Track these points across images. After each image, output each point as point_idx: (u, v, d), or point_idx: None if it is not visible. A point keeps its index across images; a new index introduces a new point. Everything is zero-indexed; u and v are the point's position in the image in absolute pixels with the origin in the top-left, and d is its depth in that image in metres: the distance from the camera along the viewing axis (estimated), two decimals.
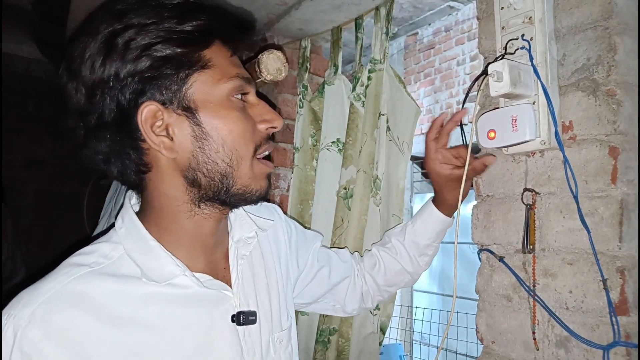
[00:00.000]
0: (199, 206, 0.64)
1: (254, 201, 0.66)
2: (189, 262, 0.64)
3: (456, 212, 0.97)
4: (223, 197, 0.63)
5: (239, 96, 0.64)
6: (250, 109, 0.65)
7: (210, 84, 0.61)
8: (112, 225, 0.66)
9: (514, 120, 0.82)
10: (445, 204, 0.96)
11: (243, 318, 0.65)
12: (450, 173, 0.91)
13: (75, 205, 2.71)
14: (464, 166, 0.88)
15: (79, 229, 2.32)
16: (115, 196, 1.63)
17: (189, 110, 0.60)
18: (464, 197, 0.94)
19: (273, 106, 0.68)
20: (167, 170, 0.62)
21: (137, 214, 0.66)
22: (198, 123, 0.60)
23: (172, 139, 0.60)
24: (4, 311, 0.54)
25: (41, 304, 0.55)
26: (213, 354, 0.62)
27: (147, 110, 0.59)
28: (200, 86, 0.60)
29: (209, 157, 0.61)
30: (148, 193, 0.64)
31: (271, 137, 0.68)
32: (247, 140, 0.63)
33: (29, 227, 2.88)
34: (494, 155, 0.88)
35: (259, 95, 0.68)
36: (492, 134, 0.85)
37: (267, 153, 0.67)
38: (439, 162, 0.91)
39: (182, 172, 0.62)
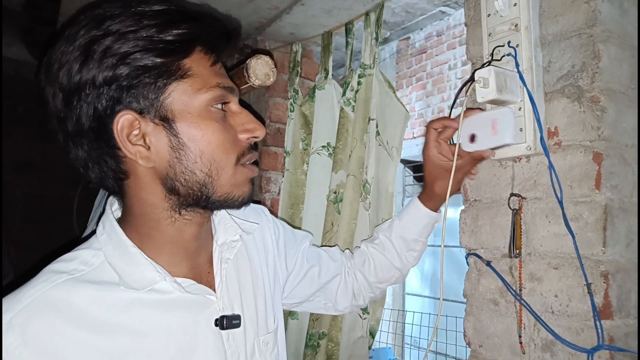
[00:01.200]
0: (180, 213, 0.63)
1: (237, 207, 0.65)
2: (172, 268, 0.63)
3: (443, 208, 0.96)
4: (203, 203, 0.63)
5: (219, 106, 0.63)
6: (231, 118, 0.64)
7: (189, 94, 0.59)
8: (95, 231, 0.65)
9: (494, 124, 0.84)
10: (433, 197, 0.95)
11: (226, 322, 0.65)
12: (446, 163, 0.89)
13: (65, 208, 2.68)
14: (459, 161, 0.88)
15: (69, 233, 2.31)
16: (103, 199, 1.62)
17: (166, 120, 0.59)
18: (453, 191, 0.93)
19: (257, 115, 0.67)
20: (146, 179, 0.61)
21: (119, 220, 0.65)
22: (175, 133, 0.59)
23: (149, 148, 0.59)
24: None
25: (19, 311, 0.54)
26: (196, 358, 0.62)
27: (123, 120, 0.58)
28: (178, 96, 0.59)
29: (187, 167, 0.60)
30: (128, 200, 0.64)
31: (254, 146, 0.67)
32: (227, 151, 0.62)
33: (19, 231, 2.85)
34: (492, 151, 0.88)
35: (243, 104, 0.67)
36: (473, 138, 0.86)
37: (252, 161, 0.66)
38: (436, 152, 0.90)
39: (160, 180, 0.61)
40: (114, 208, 0.67)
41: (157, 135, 0.59)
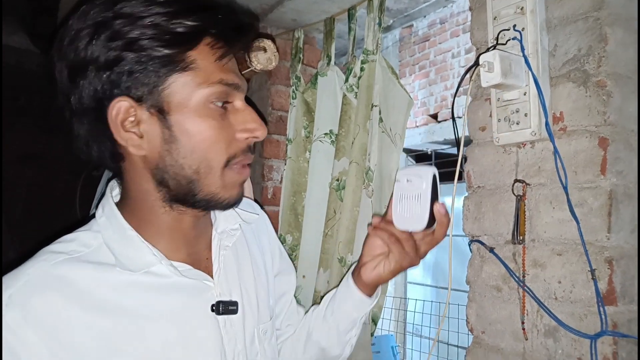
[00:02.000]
0: (171, 206, 0.63)
1: (223, 208, 0.64)
2: (170, 253, 0.63)
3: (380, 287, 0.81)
4: (191, 200, 0.62)
5: (220, 102, 0.61)
6: (232, 115, 0.62)
7: (188, 88, 0.58)
8: (94, 215, 0.65)
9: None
10: (358, 277, 0.80)
11: (222, 307, 0.64)
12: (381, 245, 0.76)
13: (68, 199, 2.68)
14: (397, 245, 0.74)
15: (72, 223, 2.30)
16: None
17: (161, 112, 0.58)
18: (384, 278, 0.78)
19: (261, 115, 0.65)
20: (138, 165, 0.61)
21: (118, 203, 0.65)
22: (168, 126, 0.58)
23: (141, 137, 0.59)
24: None
25: (19, 287, 0.54)
26: (192, 342, 0.62)
27: (119, 106, 0.58)
28: (178, 88, 0.58)
29: (176, 161, 0.59)
30: (125, 183, 0.64)
31: (252, 148, 0.65)
32: (219, 150, 0.60)
33: (22, 222, 2.86)
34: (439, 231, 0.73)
35: (249, 102, 0.64)
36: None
37: (244, 163, 0.64)
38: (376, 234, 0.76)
39: (150, 170, 0.61)
40: (114, 193, 0.67)
41: (151, 125, 0.59)
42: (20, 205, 3.16)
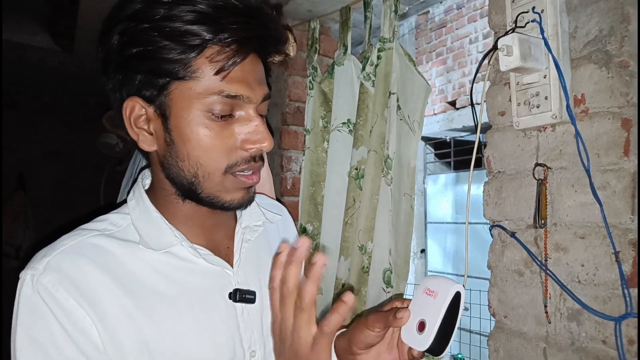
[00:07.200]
0: (183, 200, 0.66)
1: (226, 209, 0.65)
2: (190, 237, 0.67)
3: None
4: (195, 198, 0.64)
5: (221, 113, 0.60)
6: (238, 125, 0.62)
7: (188, 96, 0.59)
8: (126, 200, 0.70)
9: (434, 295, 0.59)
10: None
11: (239, 295, 0.66)
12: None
13: (93, 193, 2.77)
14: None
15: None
16: (129, 182, 1.67)
17: (164, 116, 0.61)
18: None
19: (270, 129, 0.65)
20: (155, 158, 0.65)
21: (147, 190, 0.69)
22: (169, 130, 0.61)
23: (151, 134, 0.63)
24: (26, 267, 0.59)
25: (56, 254, 0.59)
26: (206, 325, 0.64)
27: (131, 105, 0.62)
28: (178, 95, 0.60)
29: (176, 163, 0.62)
30: (152, 170, 0.68)
31: (260, 157, 0.65)
32: (215, 158, 0.61)
33: (49, 217, 2.95)
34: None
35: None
36: (422, 325, 0.59)
37: (248, 173, 0.64)
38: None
39: (161, 165, 0.64)
40: (146, 181, 0.71)
41: (158, 125, 0.62)
42: (47, 199, 3.26)
